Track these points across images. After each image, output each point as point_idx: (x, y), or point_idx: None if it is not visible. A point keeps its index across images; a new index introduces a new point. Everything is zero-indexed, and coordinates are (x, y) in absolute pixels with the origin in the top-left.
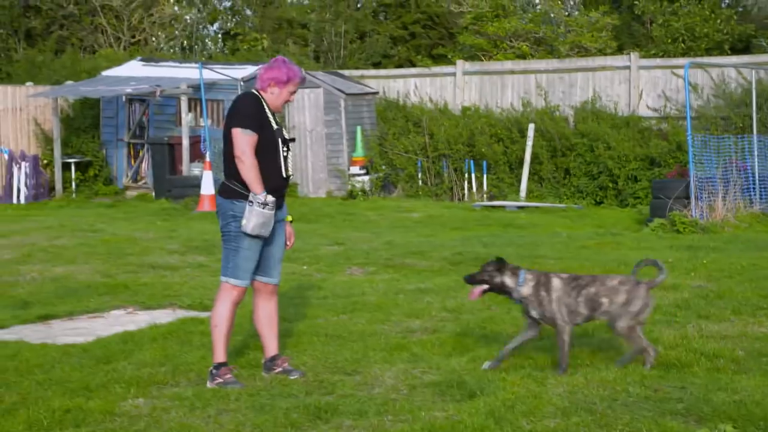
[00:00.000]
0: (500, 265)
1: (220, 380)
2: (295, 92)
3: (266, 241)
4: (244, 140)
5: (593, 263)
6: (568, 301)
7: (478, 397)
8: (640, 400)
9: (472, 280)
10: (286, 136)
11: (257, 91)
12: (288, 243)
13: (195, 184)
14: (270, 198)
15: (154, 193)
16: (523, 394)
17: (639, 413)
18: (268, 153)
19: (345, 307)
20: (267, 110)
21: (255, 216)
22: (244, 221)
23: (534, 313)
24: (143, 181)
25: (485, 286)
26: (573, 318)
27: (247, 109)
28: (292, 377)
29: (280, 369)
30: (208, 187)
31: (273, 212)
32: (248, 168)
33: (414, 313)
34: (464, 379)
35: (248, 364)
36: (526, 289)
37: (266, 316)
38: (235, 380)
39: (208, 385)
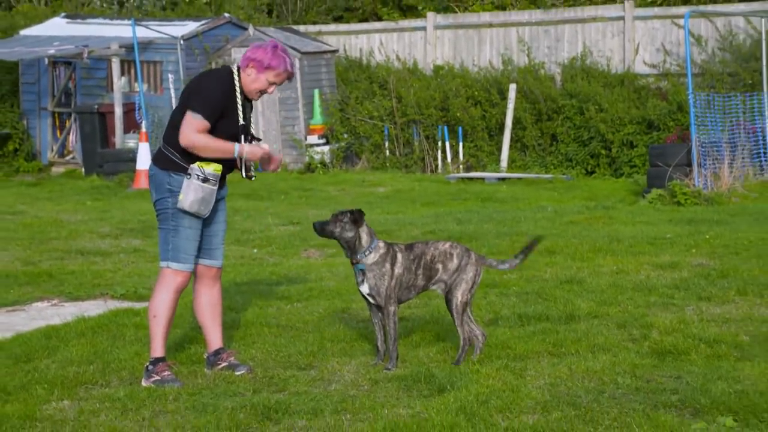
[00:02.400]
0: (358, 216)
1: (157, 378)
2: (275, 84)
3: (207, 219)
4: (192, 126)
5: (581, 240)
6: (408, 277)
7: (448, 392)
8: (630, 391)
9: (322, 230)
10: (253, 133)
11: (237, 68)
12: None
13: (130, 158)
14: (211, 172)
15: (83, 169)
16: (498, 388)
17: (628, 406)
18: None
19: (300, 294)
20: (238, 95)
21: (193, 190)
22: (181, 196)
23: (365, 287)
24: (71, 156)
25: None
26: (407, 294)
27: (210, 92)
28: (238, 373)
29: (224, 364)
30: (144, 162)
31: (215, 188)
32: (204, 148)
33: None
34: (433, 372)
35: (188, 360)
36: (372, 257)
37: (209, 304)
38: (173, 378)
39: (143, 383)
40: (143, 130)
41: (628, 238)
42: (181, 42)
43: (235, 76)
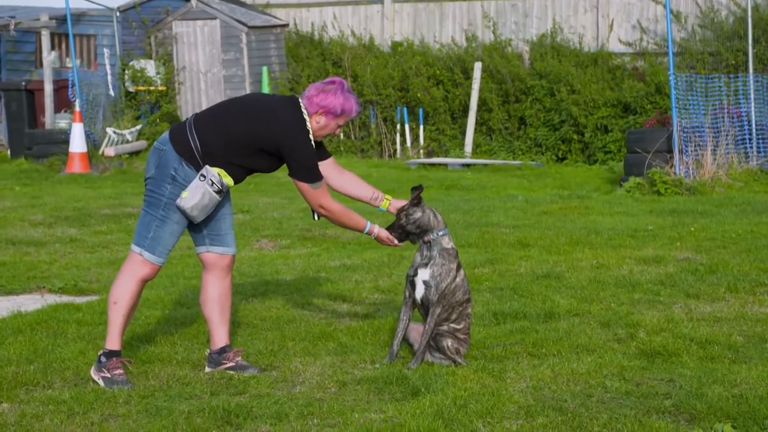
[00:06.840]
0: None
1: (107, 375)
2: (342, 125)
3: None
4: (322, 195)
5: (557, 232)
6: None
7: (423, 395)
8: (619, 396)
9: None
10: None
11: (304, 108)
12: None
13: (61, 139)
14: (227, 184)
15: (9, 152)
16: (477, 391)
17: (619, 412)
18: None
19: (255, 289)
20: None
21: (201, 195)
22: (185, 194)
23: (427, 273)
24: None
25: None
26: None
27: (308, 151)
28: (246, 373)
29: (230, 364)
30: (78, 144)
31: (220, 199)
32: (339, 217)
33: (340, 295)
34: (405, 373)
35: (137, 359)
36: (447, 241)
37: (219, 296)
38: (124, 379)
39: (92, 373)
40: (77, 109)
41: (606, 229)
42: (118, 14)
43: (305, 120)
